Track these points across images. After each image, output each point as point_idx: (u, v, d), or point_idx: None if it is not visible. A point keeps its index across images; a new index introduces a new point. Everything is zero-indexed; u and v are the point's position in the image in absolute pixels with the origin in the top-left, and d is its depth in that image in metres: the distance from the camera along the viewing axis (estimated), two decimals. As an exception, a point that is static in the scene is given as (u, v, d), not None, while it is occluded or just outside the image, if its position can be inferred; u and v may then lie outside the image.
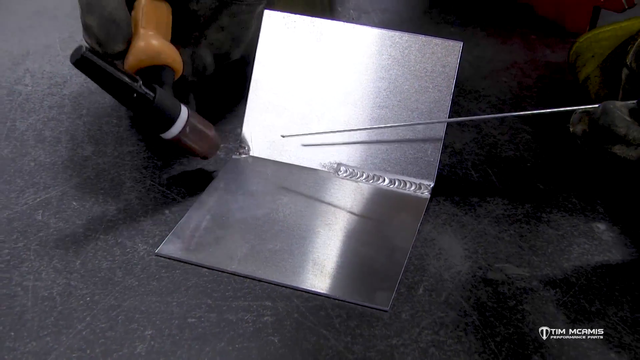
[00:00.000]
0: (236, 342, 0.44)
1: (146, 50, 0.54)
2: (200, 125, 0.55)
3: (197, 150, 0.55)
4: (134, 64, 0.54)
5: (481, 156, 0.59)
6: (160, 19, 0.56)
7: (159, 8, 0.57)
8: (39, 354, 0.43)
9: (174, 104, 0.53)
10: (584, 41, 0.67)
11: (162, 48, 0.55)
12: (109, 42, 0.54)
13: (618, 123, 0.45)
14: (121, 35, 0.54)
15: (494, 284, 0.48)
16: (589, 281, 0.48)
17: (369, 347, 0.43)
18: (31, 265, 0.49)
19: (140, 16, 0.55)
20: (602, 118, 0.45)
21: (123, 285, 0.47)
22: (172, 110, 0.53)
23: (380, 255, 0.50)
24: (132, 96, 0.51)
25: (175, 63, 0.56)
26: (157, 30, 0.56)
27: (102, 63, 0.50)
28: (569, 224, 0.53)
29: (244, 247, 0.50)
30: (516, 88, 0.68)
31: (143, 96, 0.51)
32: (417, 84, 0.56)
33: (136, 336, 0.44)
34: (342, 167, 0.57)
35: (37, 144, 0.61)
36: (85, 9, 0.54)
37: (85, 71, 0.49)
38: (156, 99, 0.52)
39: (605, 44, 0.62)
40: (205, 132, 0.55)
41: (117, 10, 0.54)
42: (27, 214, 0.53)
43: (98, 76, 0.50)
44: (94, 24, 0.54)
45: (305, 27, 0.59)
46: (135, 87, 0.51)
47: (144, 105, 0.51)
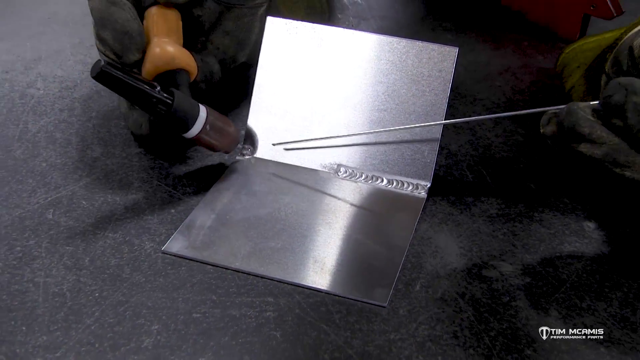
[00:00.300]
0: (239, 336, 0.43)
1: (162, 57, 0.54)
2: (219, 123, 0.55)
3: (217, 146, 0.56)
4: (151, 70, 0.54)
5: (476, 157, 0.59)
6: (170, 25, 0.57)
7: (169, 15, 0.57)
8: (49, 348, 0.43)
9: (193, 105, 0.53)
10: (570, 52, 0.66)
11: (176, 53, 0.55)
12: (125, 53, 0.54)
13: (582, 123, 0.45)
14: (135, 46, 0.54)
15: (488, 281, 0.47)
16: (580, 278, 0.48)
17: (367, 342, 0.43)
18: (42, 262, 0.49)
19: (152, 25, 0.56)
20: (566, 119, 0.45)
21: (130, 281, 0.47)
22: (191, 111, 0.53)
23: (378, 253, 0.49)
24: (152, 102, 0.51)
25: (190, 66, 0.56)
26: (169, 37, 0.56)
27: (120, 75, 0.50)
28: (560, 222, 0.52)
29: (247, 245, 0.50)
30: (509, 92, 0.68)
31: (162, 101, 0.52)
32: (415, 87, 0.56)
33: (143, 331, 0.44)
34: (342, 168, 0.57)
35: (49, 146, 0.61)
36: (99, 24, 0.54)
37: (106, 83, 0.50)
38: (175, 102, 0.52)
39: (590, 55, 0.62)
40: (224, 128, 0.55)
41: (129, 22, 0.54)
42: (39, 213, 0.53)
43: (118, 87, 0.50)
44: (109, 37, 0.54)
45: (307, 33, 0.59)
46: (154, 94, 0.51)
47: (164, 109, 0.52)
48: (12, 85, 0.69)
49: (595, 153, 0.45)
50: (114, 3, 0.54)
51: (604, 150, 0.44)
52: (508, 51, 0.75)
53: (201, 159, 0.59)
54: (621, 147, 0.44)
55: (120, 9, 0.54)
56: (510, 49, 0.76)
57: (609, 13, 0.71)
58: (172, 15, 0.57)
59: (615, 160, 0.44)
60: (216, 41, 0.61)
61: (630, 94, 0.43)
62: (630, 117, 0.43)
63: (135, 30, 0.54)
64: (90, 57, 0.74)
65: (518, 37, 0.78)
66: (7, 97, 0.67)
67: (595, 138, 0.44)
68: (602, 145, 0.44)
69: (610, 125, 0.44)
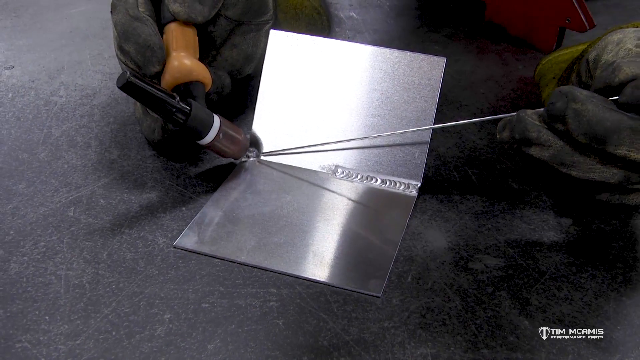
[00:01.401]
0: (245, 324, 0.43)
1: (180, 69, 0.54)
2: (231, 131, 0.54)
3: (228, 153, 0.55)
4: (170, 81, 0.54)
5: (462, 159, 0.58)
6: (188, 40, 0.56)
7: (187, 31, 0.56)
8: (70, 336, 0.42)
9: (208, 114, 0.53)
10: (546, 63, 0.66)
11: (193, 66, 0.54)
12: (146, 65, 0.53)
13: (529, 128, 0.45)
14: (156, 59, 0.53)
15: (474, 273, 0.47)
16: (558, 270, 0.47)
17: (363, 329, 0.43)
18: (64, 256, 0.48)
19: (172, 39, 0.55)
20: (516, 125, 0.45)
21: (145, 274, 0.47)
22: (206, 120, 0.52)
23: (373, 247, 0.49)
24: (171, 111, 0.51)
25: (206, 79, 0.55)
26: (187, 51, 0.55)
27: (144, 85, 0.49)
28: (539, 219, 0.52)
29: (252, 240, 0.49)
30: (493, 98, 0.67)
31: (181, 110, 0.51)
32: (406, 95, 0.55)
33: (156, 320, 0.43)
34: (339, 169, 0.56)
35: (70, 149, 0.60)
36: (122, 37, 0.53)
37: (130, 93, 0.49)
38: (192, 111, 0.51)
39: (564, 66, 0.61)
40: (235, 137, 0.55)
41: (151, 37, 0.53)
42: (61, 211, 0.52)
43: (141, 96, 0.50)
44: (132, 50, 0.53)
45: (307, 45, 0.58)
46: (173, 104, 0.51)
47: (182, 118, 0.51)
48: (38, 93, 0.69)
49: (544, 155, 0.45)
50: (137, 18, 0.53)
51: (551, 153, 0.44)
52: (491, 61, 0.75)
53: (210, 161, 0.58)
54: (565, 149, 0.44)
55: (143, 24, 0.53)
56: (493, 60, 0.75)
57: (583, 26, 0.71)
58: (189, 31, 0.56)
59: (561, 161, 0.45)
60: (225, 54, 0.60)
61: (570, 102, 0.43)
62: (571, 122, 0.43)
63: (156, 45, 0.53)
64: (108, 68, 0.73)
65: (500, 48, 0.77)
66: (33, 104, 0.67)
67: (543, 142, 0.44)
68: (549, 148, 0.44)
69: (554, 130, 0.44)
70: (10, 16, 0.86)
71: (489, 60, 0.75)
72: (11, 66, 0.74)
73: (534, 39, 0.76)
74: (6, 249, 0.49)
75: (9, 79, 0.71)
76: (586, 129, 0.43)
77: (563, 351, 0.41)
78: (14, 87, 0.70)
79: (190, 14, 0.55)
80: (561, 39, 0.75)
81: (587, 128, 0.43)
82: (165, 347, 0.41)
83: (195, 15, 0.55)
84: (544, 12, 0.74)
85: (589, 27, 0.71)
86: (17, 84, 0.70)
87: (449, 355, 0.41)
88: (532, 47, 0.77)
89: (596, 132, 0.42)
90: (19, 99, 0.68)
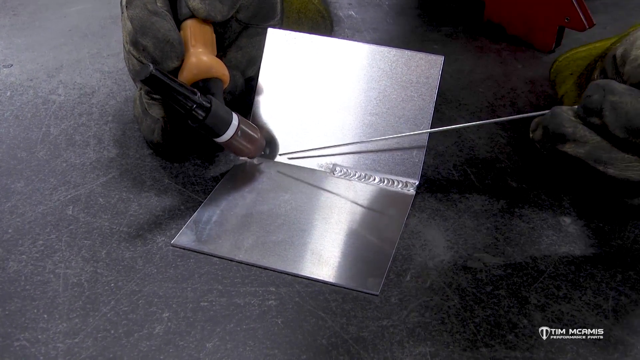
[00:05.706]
0: (244, 323, 0.43)
1: (198, 65, 0.53)
2: (248, 130, 0.54)
3: (244, 151, 0.55)
4: (189, 77, 0.53)
5: (461, 158, 0.58)
6: (206, 37, 0.55)
7: (205, 28, 0.55)
8: (69, 334, 0.42)
9: (227, 112, 0.52)
10: (563, 60, 0.66)
11: (212, 63, 0.54)
12: (165, 60, 0.52)
13: (565, 124, 0.44)
14: (175, 54, 0.52)
15: (472, 272, 0.47)
16: (557, 269, 0.47)
17: (362, 328, 0.43)
18: (62, 255, 0.48)
19: (190, 36, 0.54)
20: (551, 121, 0.45)
21: (143, 272, 0.47)
22: (225, 117, 0.52)
23: (371, 245, 0.49)
24: (192, 106, 0.50)
25: (224, 76, 0.55)
26: (205, 48, 0.54)
27: (167, 79, 0.49)
28: (538, 217, 0.52)
29: (250, 238, 0.49)
30: (491, 97, 0.67)
31: (201, 106, 0.51)
32: (404, 93, 0.55)
33: (155, 318, 0.43)
34: (337, 168, 0.56)
35: (69, 147, 0.60)
36: (140, 31, 0.52)
37: (152, 86, 0.49)
38: (212, 108, 0.51)
39: (581, 63, 0.61)
40: (252, 135, 0.55)
41: (170, 32, 0.52)
42: (59, 209, 0.52)
43: (163, 90, 0.49)
44: (149, 44, 0.52)
45: (305, 43, 0.58)
46: (194, 99, 0.50)
47: (202, 114, 0.51)
48: (36, 91, 0.69)
49: (579, 152, 0.44)
50: (155, 13, 0.52)
51: (587, 149, 0.44)
52: (490, 60, 0.75)
53: (208, 160, 0.58)
54: (602, 145, 0.43)
55: (162, 19, 0.52)
56: (492, 59, 0.75)
57: (582, 25, 0.71)
58: (207, 29, 0.56)
59: (598, 158, 0.44)
60: (230, 56, 0.60)
61: (608, 94, 0.42)
62: (608, 115, 0.42)
63: (176, 40, 0.52)
64: (107, 66, 0.73)
65: (499, 47, 0.77)
66: (32, 102, 0.67)
67: (578, 137, 0.44)
68: (585, 144, 0.43)
69: (590, 125, 0.43)
70: (8, 14, 0.86)
71: (488, 59, 0.75)
72: (10, 64, 0.74)
73: (533, 38, 0.76)
74: (5, 248, 0.49)
75: (7, 77, 0.71)
76: (624, 122, 0.42)
77: (562, 350, 0.41)
78: (13, 85, 0.70)
79: (210, 12, 0.54)
80: (560, 38, 0.75)
81: (625, 121, 0.41)
82: (163, 346, 0.41)
83: (215, 13, 0.55)
84: (543, 11, 0.73)
85: (588, 26, 0.71)
86: (15, 83, 0.70)
87: (448, 354, 0.41)
88: (531, 46, 0.76)
89: (634, 125, 0.41)
90: (17, 97, 0.68)
